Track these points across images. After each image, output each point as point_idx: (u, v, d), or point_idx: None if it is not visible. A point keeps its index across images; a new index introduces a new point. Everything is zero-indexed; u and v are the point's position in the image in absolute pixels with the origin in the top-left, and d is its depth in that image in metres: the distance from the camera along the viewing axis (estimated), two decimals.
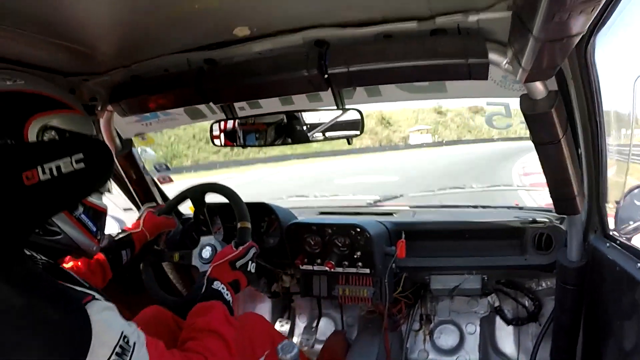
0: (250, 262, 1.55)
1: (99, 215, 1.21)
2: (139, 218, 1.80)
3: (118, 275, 1.65)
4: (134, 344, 0.93)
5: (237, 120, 1.74)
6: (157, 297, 1.75)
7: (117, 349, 0.89)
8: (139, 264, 1.80)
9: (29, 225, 1.00)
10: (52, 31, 1.21)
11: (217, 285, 1.40)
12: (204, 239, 1.83)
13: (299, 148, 29.41)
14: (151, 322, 1.63)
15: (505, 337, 2.36)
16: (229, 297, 1.39)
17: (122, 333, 0.91)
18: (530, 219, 2.06)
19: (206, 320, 1.26)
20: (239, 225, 1.68)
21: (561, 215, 1.95)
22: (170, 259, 1.83)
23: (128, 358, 0.90)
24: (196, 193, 1.90)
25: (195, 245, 1.82)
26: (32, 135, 0.98)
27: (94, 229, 1.17)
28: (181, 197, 1.93)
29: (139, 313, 1.69)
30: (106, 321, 0.91)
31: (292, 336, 2.66)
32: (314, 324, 2.65)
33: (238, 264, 1.51)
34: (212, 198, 1.90)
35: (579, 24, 0.76)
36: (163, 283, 2.41)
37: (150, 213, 1.83)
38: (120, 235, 1.70)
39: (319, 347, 2.48)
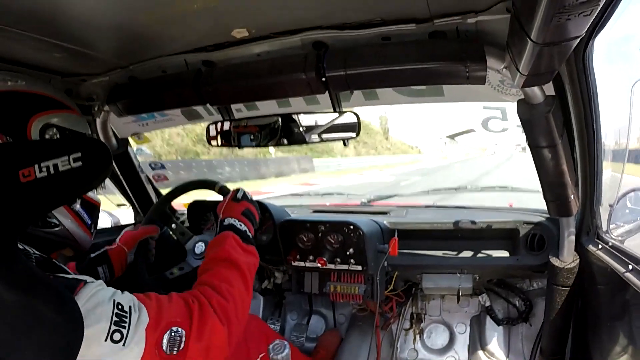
0: (246, 193, 1.58)
1: (93, 208, 1.23)
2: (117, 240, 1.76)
3: None
4: (130, 307, 0.94)
5: (232, 122, 1.74)
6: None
7: (115, 318, 0.90)
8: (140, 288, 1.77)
9: (23, 221, 1.00)
10: (50, 31, 1.20)
11: (228, 221, 1.41)
12: (189, 245, 1.86)
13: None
14: None
15: (495, 338, 2.38)
16: (243, 227, 1.40)
17: (114, 302, 0.92)
18: (523, 220, 2.08)
19: (218, 249, 1.26)
20: (215, 190, 1.76)
21: (554, 217, 1.97)
22: (172, 276, 1.82)
23: (127, 322, 0.92)
24: (159, 211, 1.91)
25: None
26: (34, 134, 1.02)
27: (89, 222, 1.21)
28: (149, 220, 1.91)
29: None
30: (97, 297, 0.91)
31: (283, 333, 2.66)
32: (305, 321, 2.65)
33: (239, 195, 1.53)
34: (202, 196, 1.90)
35: (578, 27, 0.75)
36: None
37: (128, 231, 1.78)
38: (96, 253, 1.66)
39: (309, 344, 2.49)
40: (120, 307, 0.92)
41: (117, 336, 0.88)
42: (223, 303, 1.09)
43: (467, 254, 2.16)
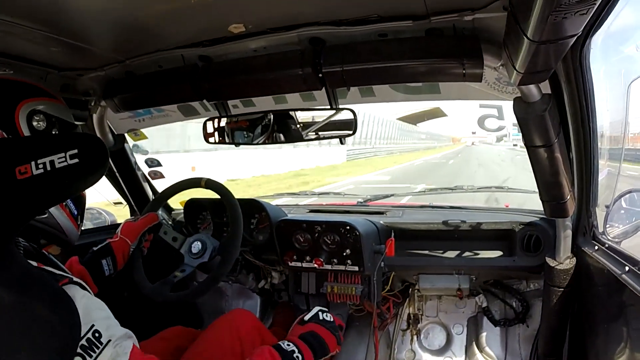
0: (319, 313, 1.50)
1: (79, 199, 1.24)
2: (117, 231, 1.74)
3: (105, 289, 1.55)
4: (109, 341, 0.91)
5: (227, 118, 1.73)
6: (164, 298, 1.74)
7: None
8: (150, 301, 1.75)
9: (20, 219, 0.99)
10: (47, 25, 1.20)
11: (284, 344, 1.33)
12: (184, 247, 1.84)
13: None
14: (174, 339, 1.66)
15: (492, 338, 2.37)
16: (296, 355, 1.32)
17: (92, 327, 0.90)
18: (520, 221, 2.07)
19: None
20: (202, 186, 1.84)
21: (551, 218, 1.97)
22: (175, 279, 1.80)
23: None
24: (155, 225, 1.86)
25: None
26: (22, 120, 1.04)
27: (76, 213, 1.22)
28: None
29: (163, 331, 1.70)
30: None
31: None
32: None
33: (306, 317, 1.47)
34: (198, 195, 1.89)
35: (575, 26, 0.75)
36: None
37: (128, 222, 1.76)
38: (99, 246, 1.64)
39: None
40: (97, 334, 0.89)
41: None
42: None
43: (463, 254, 2.16)
